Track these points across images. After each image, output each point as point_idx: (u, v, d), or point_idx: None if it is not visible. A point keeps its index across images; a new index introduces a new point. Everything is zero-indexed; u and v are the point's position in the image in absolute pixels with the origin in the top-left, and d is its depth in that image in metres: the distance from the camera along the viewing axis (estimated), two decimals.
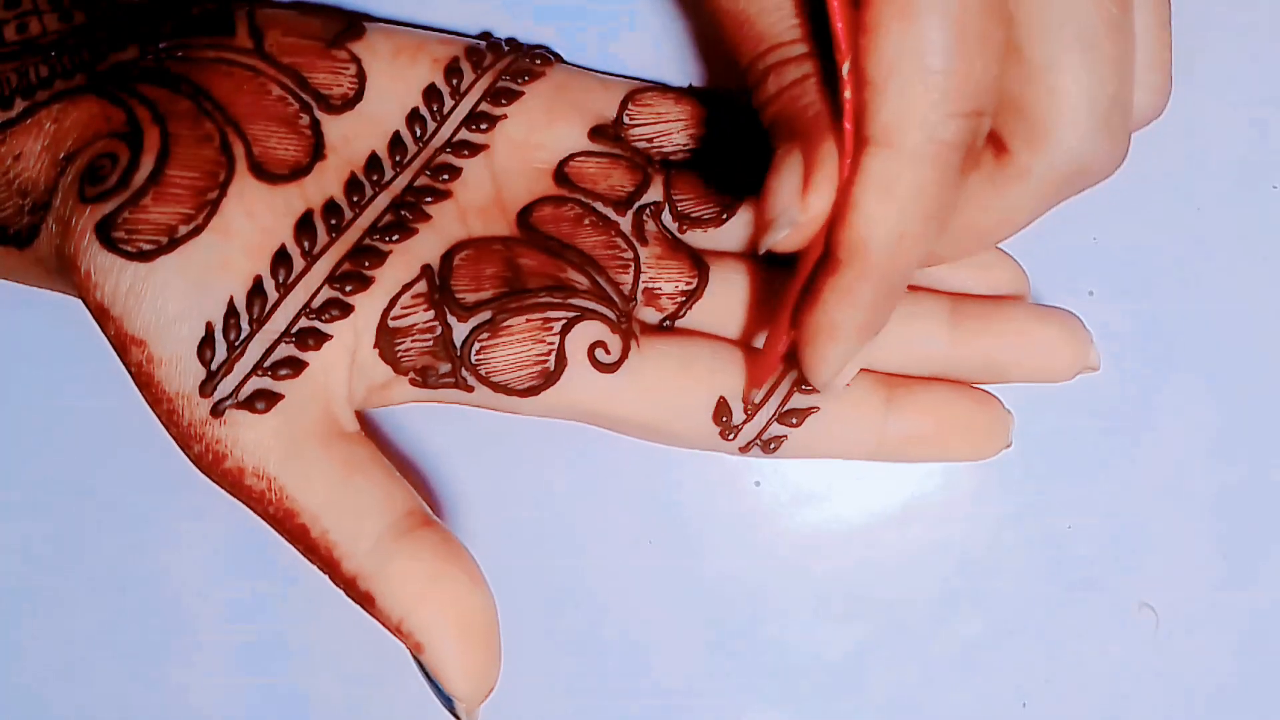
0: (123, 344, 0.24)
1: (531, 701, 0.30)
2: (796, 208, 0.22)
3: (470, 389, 0.26)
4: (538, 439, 0.30)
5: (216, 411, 0.24)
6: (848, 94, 0.22)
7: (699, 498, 0.30)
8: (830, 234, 0.23)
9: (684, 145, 0.29)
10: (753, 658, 0.30)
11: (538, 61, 0.29)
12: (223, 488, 0.25)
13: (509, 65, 0.28)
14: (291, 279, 0.25)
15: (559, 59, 0.29)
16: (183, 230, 0.24)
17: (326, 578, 0.25)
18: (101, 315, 0.24)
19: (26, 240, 0.26)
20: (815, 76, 0.23)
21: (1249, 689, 0.30)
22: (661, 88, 0.29)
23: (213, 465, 0.24)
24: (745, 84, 0.25)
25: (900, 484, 0.30)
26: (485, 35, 0.29)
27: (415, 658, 0.24)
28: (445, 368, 0.26)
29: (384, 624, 0.24)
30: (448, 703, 0.24)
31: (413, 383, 0.26)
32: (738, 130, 0.29)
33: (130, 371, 0.25)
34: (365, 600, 0.24)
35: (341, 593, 0.25)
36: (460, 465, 0.30)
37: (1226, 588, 0.30)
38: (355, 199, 0.26)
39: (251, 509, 0.25)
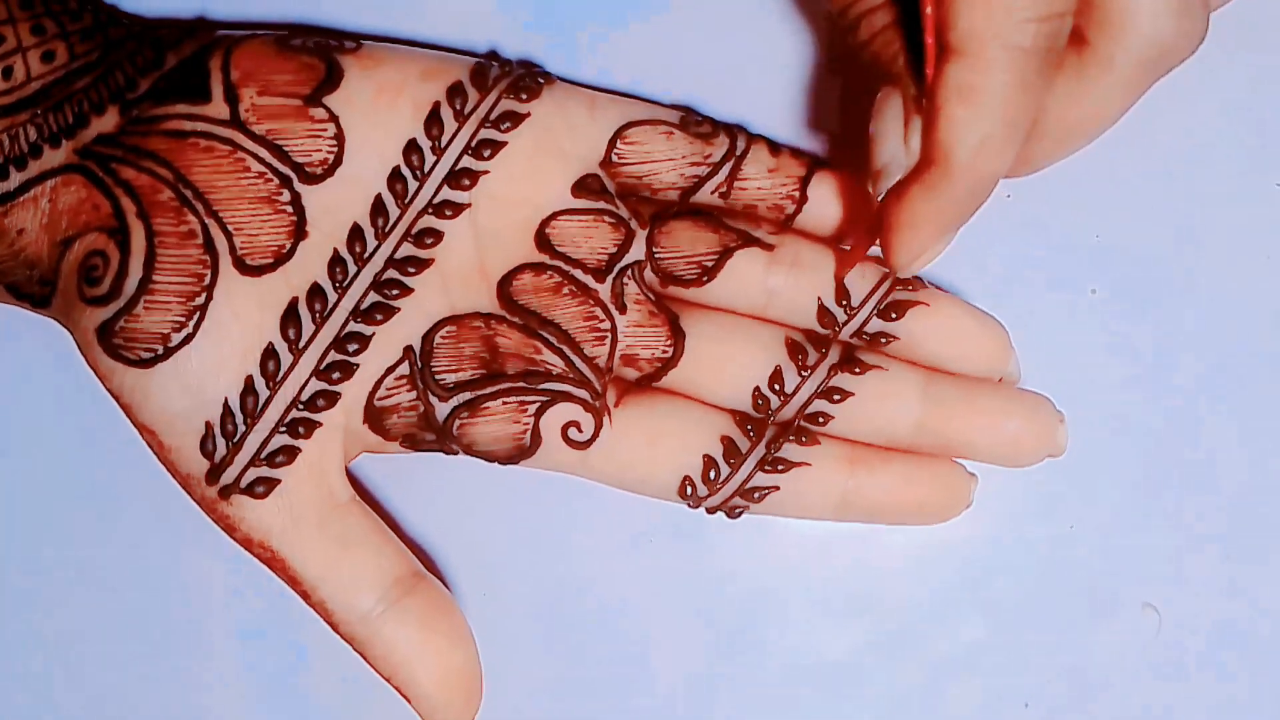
0: (138, 427, 0.27)
1: (532, 701, 0.31)
2: (901, 152, 0.24)
3: (455, 453, 0.28)
4: None
5: (223, 495, 0.27)
6: (929, 9, 0.23)
7: None
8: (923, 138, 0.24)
9: (674, 184, 0.28)
10: (753, 658, 0.31)
11: (524, 97, 0.28)
12: (240, 546, 0.28)
13: (491, 109, 0.28)
14: (281, 375, 0.27)
15: (548, 80, 0.28)
16: (175, 339, 0.26)
17: None
18: (116, 400, 0.27)
19: (41, 304, 0.28)
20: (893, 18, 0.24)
21: (1252, 691, 0.30)
22: (653, 120, 0.28)
23: (227, 531, 0.27)
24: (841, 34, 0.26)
25: None
26: (475, 65, 0.28)
27: (406, 700, 0.28)
28: (430, 437, 0.28)
29: (378, 674, 0.28)
30: None
31: (401, 445, 0.28)
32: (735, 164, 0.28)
33: (150, 448, 0.27)
34: (361, 654, 0.28)
35: None
36: (461, 465, 0.30)
37: (1230, 589, 0.30)
38: (339, 277, 0.27)
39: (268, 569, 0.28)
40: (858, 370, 0.28)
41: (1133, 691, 0.30)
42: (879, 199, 0.25)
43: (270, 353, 0.27)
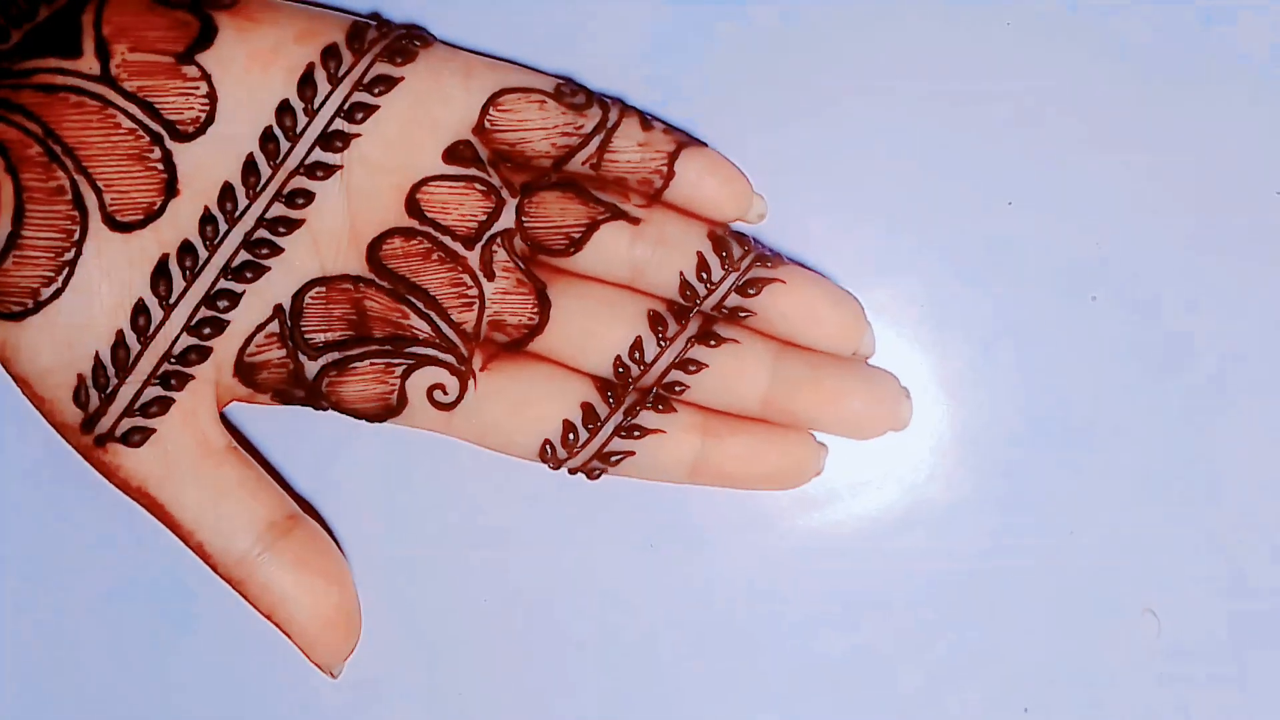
0: (13, 379, 0.28)
1: (532, 702, 0.31)
2: None
3: (325, 409, 0.29)
4: None
5: (99, 444, 0.28)
6: None
7: (700, 502, 0.31)
8: None
9: (546, 153, 0.29)
10: (753, 662, 0.31)
11: (399, 60, 0.28)
12: (120, 492, 0.29)
13: (365, 73, 0.28)
14: (152, 330, 0.27)
15: (426, 44, 0.29)
16: (45, 293, 0.27)
17: None
18: None
19: None
20: None
21: (1251, 696, 0.31)
22: (526, 88, 0.29)
23: (106, 478, 0.28)
24: None
25: (901, 489, 0.31)
26: (352, 26, 0.28)
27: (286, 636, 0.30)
28: (300, 393, 0.29)
29: (258, 612, 0.29)
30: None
31: (272, 400, 0.29)
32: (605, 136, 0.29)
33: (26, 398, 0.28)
34: (240, 594, 0.29)
35: None
36: (460, 468, 0.31)
37: (1229, 594, 0.31)
38: (210, 235, 0.28)
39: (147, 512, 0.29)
40: (713, 343, 0.29)
41: (1133, 696, 0.31)
42: None
43: (141, 308, 0.27)
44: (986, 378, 0.31)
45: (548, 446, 0.29)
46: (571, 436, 0.29)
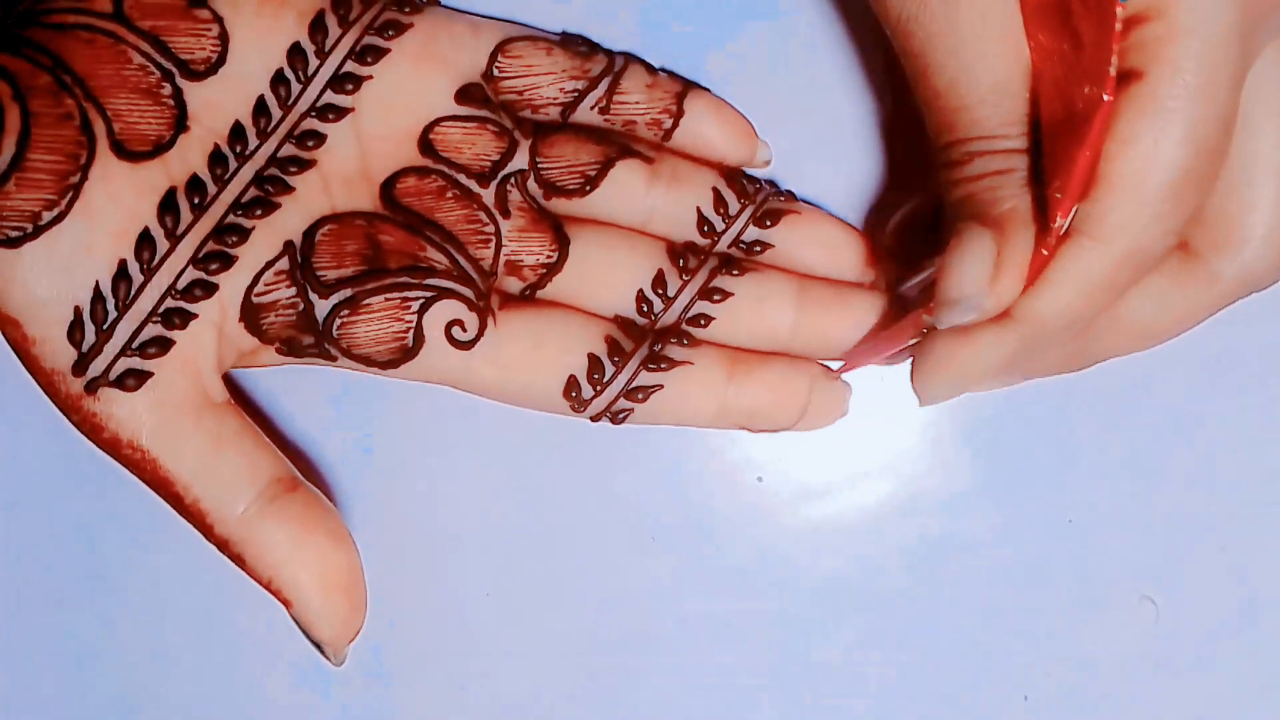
0: (1, 324, 0.26)
1: (531, 699, 0.31)
2: (985, 294, 0.24)
3: (334, 359, 0.28)
4: (540, 435, 0.31)
5: (90, 389, 0.26)
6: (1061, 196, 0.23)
7: (700, 494, 0.31)
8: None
9: (554, 99, 0.29)
10: (754, 652, 0.31)
11: (406, 9, 0.28)
12: (105, 452, 0.27)
13: (376, 17, 0.28)
14: (156, 261, 0.26)
15: (432, 1, 0.29)
16: (46, 217, 0.25)
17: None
18: None
19: None
20: (1024, 172, 0.24)
21: (1249, 681, 0.31)
22: (532, 37, 0.29)
23: (92, 434, 0.26)
24: (936, 156, 0.26)
25: (901, 479, 0.31)
26: None
27: (287, 611, 0.27)
28: (309, 340, 0.27)
29: (256, 581, 0.26)
30: (317, 646, 0.27)
31: (278, 351, 0.28)
32: (614, 81, 0.29)
33: (10, 346, 0.26)
34: (238, 560, 0.26)
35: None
36: (462, 465, 0.31)
37: (1226, 580, 0.31)
38: (219, 172, 0.27)
39: (132, 473, 0.27)
40: (737, 272, 0.29)
41: (1131, 682, 0.31)
42: (941, 326, 0.25)
43: (146, 238, 0.26)
44: None
45: (574, 386, 0.28)
46: (598, 373, 0.28)
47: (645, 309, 0.29)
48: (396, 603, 0.30)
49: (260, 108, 0.27)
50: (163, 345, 0.26)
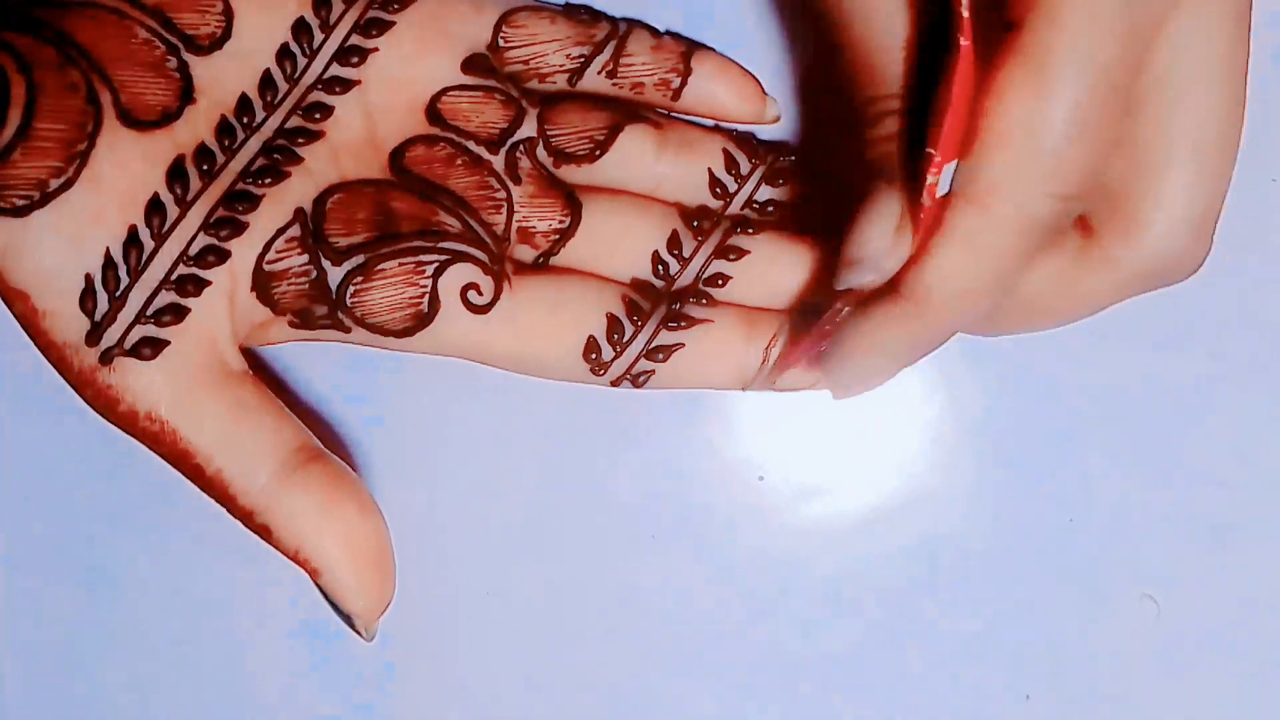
0: (8, 297, 0.25)
1: (530, 697, 0.31)
2: (886, 257, 0.23)
3: (348, 329, 0.27)
4: (540, 435, 0.31)
5: (105, 359, 0.25)
6: (935, 153, 0.22)
7: (701, 492, 0.31)
8: (900, 270, 0.23)
9: (561, 66, 0.29)
10: (755, 651, 0.31)
11: None
12: (120, 429, 0.26)
13: None
14: (166, 227, 0.26)
15: None
16: (54, 184, 0.25)
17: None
18: None
19: None
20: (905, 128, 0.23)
21: (1249, 679, 0.31)
22: (535, 7, 0.29)
23: (107, 409, 0.25)
24: (852, 116, 0.25)
25: (902, 477, 0.31)
26: None
27: (315, 581, 0.26)
28: (322, 309, 0.27)
29: (282, 552, 0.26)
30: (347, 620, 0.26)
31: (291, 324, 0.27)
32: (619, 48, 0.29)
33: (19, 323, 0.25)
34: (263, 531, 0.26)
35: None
36: (462, 465, 0.31)
37: (1227, 579, 0.31)
38: (227, 142, 0.27)
39: (149, 449, 0.26)
40: (752, 230, 0.28)
41: (1132, 681, 0.31)
42: (840, 287, 0.24)
43: (156, 204, 0.26)
44: (985, 366, 0.31)
45: (594, 347, 0.27)
46: (618, 334, 0.27)
47: (661, 270, 0.28)
48: (395, 601, 0.29)
49: (267, 81, 0.27)
50: (178, 313, 0.25)
